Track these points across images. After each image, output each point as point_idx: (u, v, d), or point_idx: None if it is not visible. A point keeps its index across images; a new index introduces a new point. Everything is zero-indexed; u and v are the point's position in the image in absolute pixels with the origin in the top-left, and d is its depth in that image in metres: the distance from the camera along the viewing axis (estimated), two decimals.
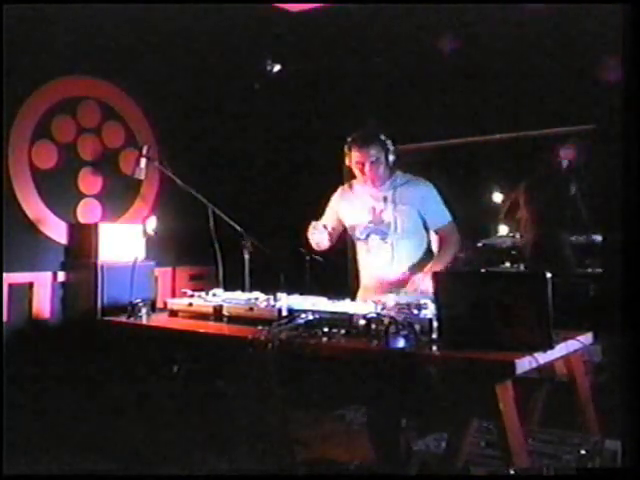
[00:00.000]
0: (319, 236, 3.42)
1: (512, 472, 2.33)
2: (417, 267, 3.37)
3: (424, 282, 3.17)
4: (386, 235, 3.41)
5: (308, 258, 4.28)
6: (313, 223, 3.44)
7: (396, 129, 4.80)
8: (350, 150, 3.42)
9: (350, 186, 3.61)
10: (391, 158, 3.41)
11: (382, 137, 3.42)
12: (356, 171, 3.44)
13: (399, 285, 3.29)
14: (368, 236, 3.47)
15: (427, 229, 3.45)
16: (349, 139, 3.44)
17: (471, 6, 4.40)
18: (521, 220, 5.11)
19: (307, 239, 3.55)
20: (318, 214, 5.12)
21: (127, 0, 4.27)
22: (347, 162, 3.49)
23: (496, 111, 4.48)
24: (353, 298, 3.39)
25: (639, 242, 2.15)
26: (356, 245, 3.59)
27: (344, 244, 5.02)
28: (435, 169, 5.77)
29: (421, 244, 3.44)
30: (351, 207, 3.55)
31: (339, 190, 3.66)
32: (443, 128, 4.63)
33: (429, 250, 3.46)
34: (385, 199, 3.41)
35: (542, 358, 2.40)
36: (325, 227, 3.42)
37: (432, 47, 4.57)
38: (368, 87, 5.01)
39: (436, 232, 3.45)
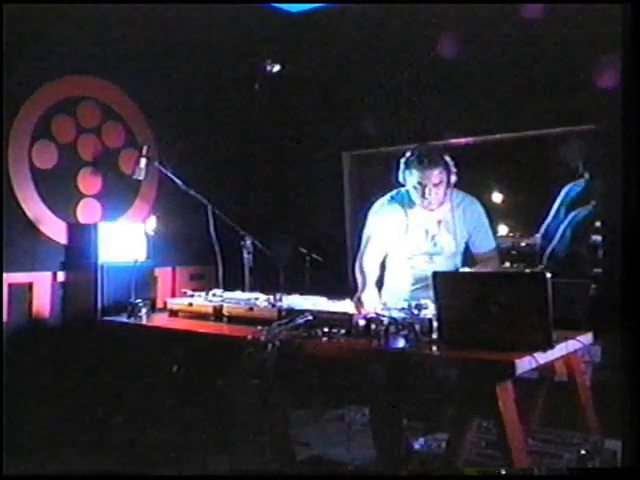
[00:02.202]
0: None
1: (511, 472, 2.33)
2: None
3: None
4: (433, 256, 3.31)
5: (308, 258, 4.29)
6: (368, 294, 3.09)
7: (396, 129, 4.84)
8: (409, 168, 3.16)
9: (399, 200, 3.31)
10: (453, 179, 3.19)
11: (446, 157, 3.18)
12: (413, 191, 3.20)
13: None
14: (414, 255, 3.35)
15: (467, 248, 3.33)
16: (409, 155, 3.19)
17: (471, 6, 4.40)
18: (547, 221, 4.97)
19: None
20: (318, 214, 5.16)
21: (127, 0, 4.28)
22: (400, 178, 3.24)
23: (496, 111, 4.47)
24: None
25: (639, 242, 2.15)
26: (394, 253, 3.42)
27: (344, 243, 5.04)
28: None
29: (459, 263, 3.36)
30: (407, 225, 3.30)
31: (385, 205, 3.33)
32: (443, 128, 4.62)
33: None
34: (439, 222, 3.27)
35: (542, 358, 2.40)
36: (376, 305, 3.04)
37: (432, 47, 4.57)
38: (368, 87, 5.01)
39: (478, 256, 3.32)
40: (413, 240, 3.32)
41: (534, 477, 2.45)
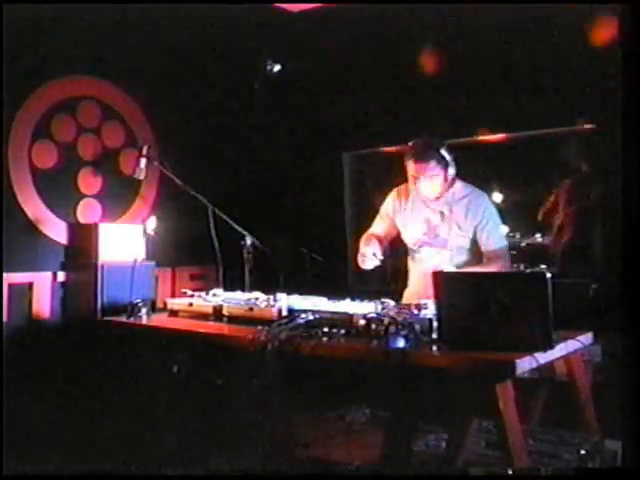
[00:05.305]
0: (370, 262, 3.22)
1: (511, 472, 2.33)
2: None
3: None
4: (441, 250, 3.30)
5: (308, 258, 4.28)
6: (366, 245, 3.27)
7: (397, 129, 4.84)
8: (407, 159, 3.24)
9: (407, 190, 3.40)
10: (451, 172, 3.22)
11: (442, 150, 3.20)
12: (410, 181, 3.29)
13: None
14: (421, 247, 3.37)
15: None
16: (409, 145, 3.25)
17: (471, 5, 4.40)
18: (558, 221, 4.98)
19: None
20: (318, 214, 5.16)
21: (127, 0, 4.28)
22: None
23: (496, 111, 4.47)
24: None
25: (639, 242, 2.15)
26: (408, 250, 3.48)
27: (344, 244, 5.04)
28: None
29: (476, 262, 3.29)
30: (406, 215, 3.40)
31: (394, 193, 3.46)
32: (444, 128, 4.62)
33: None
34: (442, 214, 3.28)
35: (542, 358, 2.40)
36: (376, 252, 3.21)
37: (432, 47, 4.57)
38: (368, 87, 5.00)
39: (487, 254, 3.28)
40: (416, 227, 3.36)
41: (537, 477, 2.45)
